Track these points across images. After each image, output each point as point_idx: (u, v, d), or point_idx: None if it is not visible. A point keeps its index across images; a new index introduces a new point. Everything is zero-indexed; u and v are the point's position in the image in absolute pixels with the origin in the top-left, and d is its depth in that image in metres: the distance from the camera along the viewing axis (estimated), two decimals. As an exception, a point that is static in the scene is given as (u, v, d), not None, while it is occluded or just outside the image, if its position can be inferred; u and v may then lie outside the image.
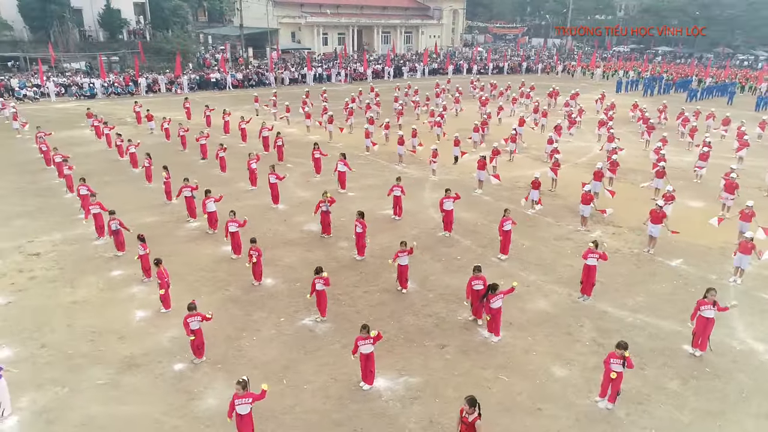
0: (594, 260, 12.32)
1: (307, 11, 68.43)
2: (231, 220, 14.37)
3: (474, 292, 11.58)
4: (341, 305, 12.41)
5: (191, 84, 43.74)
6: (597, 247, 12.37)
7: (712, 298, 10.45)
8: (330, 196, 15.77)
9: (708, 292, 10.52)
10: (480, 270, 11.55)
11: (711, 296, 10.47)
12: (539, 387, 9.81)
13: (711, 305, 10.49)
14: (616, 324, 11.82)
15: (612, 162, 20.78)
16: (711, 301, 10.47)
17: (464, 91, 38.85)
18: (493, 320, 11.07)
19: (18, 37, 49.34)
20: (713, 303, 10.47)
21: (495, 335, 11.16)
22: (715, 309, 10.48)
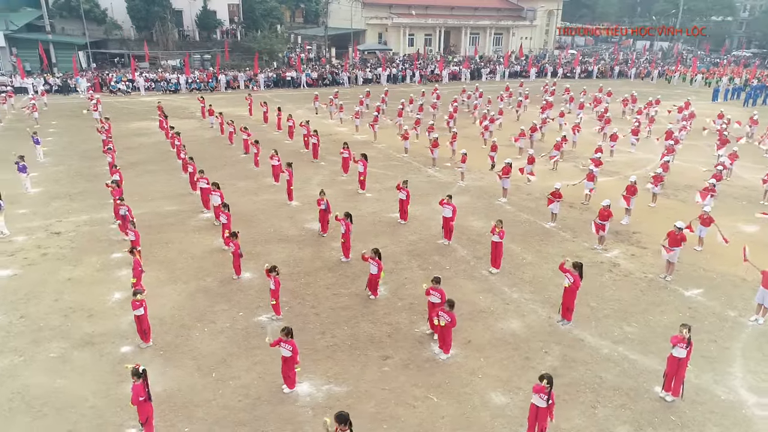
0: (568, 281, 11.24)
1: (396, 12, 68.90)
2: (223, 212, 14.76)
3: (430, 304, 11.05)
4: (305, 305, 12.34)
5: (267, 82, 45.64)
6: (575, 267, 11.25)
7: (685, 334, 9.14)
8: (322, 197, 15.70)
9: (681, 327, 9.22)
10: (438, 282, 10.95)
11: (683, 332, 9.16)
12: (467, 413, 9.13)
13: (684, 343, 9.18)
14: (586, 355, 10.71)
15: (655, 176, 18.87)
16: (683, 338, 9.17)
17: (535, 96, 37.23)
18: (441, 337, 10.47)
19: (126, 35, 54.32)
20: (686, 341, 9.16)
21: (444, 352, 10.54)
22: (687, 348, 9.16)
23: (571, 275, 11.19)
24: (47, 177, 21.09)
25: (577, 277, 11.21)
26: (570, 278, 11.20)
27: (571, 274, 11.20)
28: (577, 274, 11.21)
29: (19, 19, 47.84)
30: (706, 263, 14.72)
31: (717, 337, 11.40)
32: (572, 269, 11.22)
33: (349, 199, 19.38)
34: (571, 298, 11.46)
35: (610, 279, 13.81)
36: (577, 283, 11.24)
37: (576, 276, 11.20)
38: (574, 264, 11.27)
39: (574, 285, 11.24)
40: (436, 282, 10.90)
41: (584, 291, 12.97)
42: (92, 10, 51.43)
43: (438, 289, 10.86)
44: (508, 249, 15.36)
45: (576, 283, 11.22)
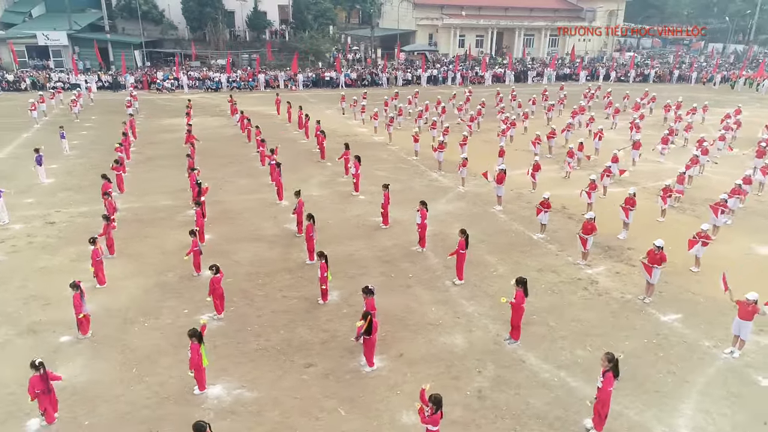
0: (508, 301, 10.50)
1: (447, 12, 68.11)
2: (198, 211, 14.97)
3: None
4: (251, 306, 12.27)
5: (306, 82, 46.21)
6: (518, 284, 10.51)
7: (604, 364, 8.30)
8: (298, 198, 15.60)
9: (605, 355, 8.38)
10: (368, 293, 10.51)
11: (605, 363, 8.32)
12: (370, 431, 8.71)
13: (602, 373, 8.36)
14: (522, 378, 9.99)
15: (665, 189, 17.49)
16: (604, 368, 8.34)
17: (577, 100, 35.65)
18: (365, 348, 10.08)
19: (180, 35, 56.66)
20: (603, 371, 8.31)
21: (368, 365, 10.15)
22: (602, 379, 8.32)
23: (517, 292, 10.48)
24: (65, 169, 22.21)
25: (521, 294, 10.48)
26: (511, 298, 10.47)
27: (518, 291, 10.48)
28: (521, 290, 10.48)
29: (82, 20, 51.00)
30: (697, 286, 13.47)
31: (679, 368, 10.35)
32: (516, 285, 10.51)
33: (342, 200, 19.22)
34: (515, 316, 10.72)
35: (582, 298, 12.88)
36: (521, 300, 10.50)
37: (519, 292, 10.47)
38: (518, 280, 10.54)
39: (517, 302, 10.51)
40: (367, 293, 10.47)
41: (548, 309, 12.31)
42: (150, 11, 53.99)
43: (369, 300, 10.46)
44: (484, 259, 14.74)
45: (519, 300, 10.49)
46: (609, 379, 8.35)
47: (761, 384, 9.98)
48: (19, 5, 51.19)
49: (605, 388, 8.32)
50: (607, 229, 16.73)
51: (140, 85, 42.97)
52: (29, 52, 48.35)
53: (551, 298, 12.82)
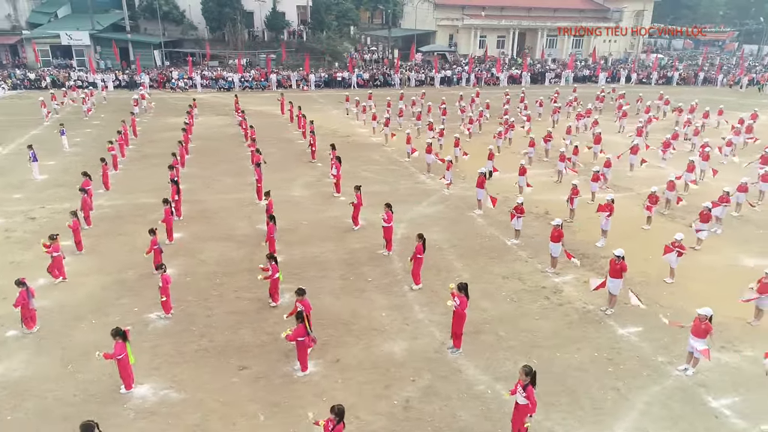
0: (453, 305, 10.22)
1: (468, 13, 67.46)
2: (167, 209, 15.06)
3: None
4: (202, 306, 12.27)
5: (318, 82, 46.35)
6: (460, 289, 10.20)
7: (524, 378, 7.97)
8: (268, 198, 15.57)
9: (522, 369, 8.04)
10: (301, 293, 10.33)
11: (523, 377, 7.99)
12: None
13: (521, 388, 8.03)
14: (455, 389, 9.70)
15: (651, 195, 16.84)
16: (522, 383, 8.01)
17: (586, 103, 34.83)
18: (299, 352, 9.94)
19: (200, 36, 57.58)
20: (524, 386, 8.00)
21: (301, 369, 10.01)
22: (524, 394, 7.99)
23: (458, 298, 10.18)
24: (62, 166, 22.71)
25: (464, 300, 10.17)
26: (456, 301, 10.19)
27: (458, 296, 10.19)
28: (463, 296, 10.17)
29: (105, 20, 52.30)
30: (668, 298, 12.89)
31: (624, 384, 9.89)
32: (458, 291, 10.21)
33: (323, 201, 19.14)
34: (457, 324, 10.42)
35: (541, 307, 12.47)
36: (464, 305, 10.19)
37: (462, 298, 10.16)
38: (459, 285, 10.23)
39: (460, 309, 10.21)
40: (300, 293, 10.31)
41: (503, 317, 11.98)
42: (171, 12, 55.04)
43: (301, 300, 10.30)
44: (450, 264, 14.46)
45: (462, 306, 10.18)
46: (532, 393, 8.01)
47: (709, 405, 9.45)
48: (45, 6, 52.81)
49: (533, 403, 7.96)
50: (590, 236, 16.27)
51: (155, 84, 43.76)
52: (53, 52, 49.81)
53: (508, 306, 12.46)
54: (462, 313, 10.29)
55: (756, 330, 11.69)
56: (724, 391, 9.74)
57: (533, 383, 7.98)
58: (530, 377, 7.95)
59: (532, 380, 7.96)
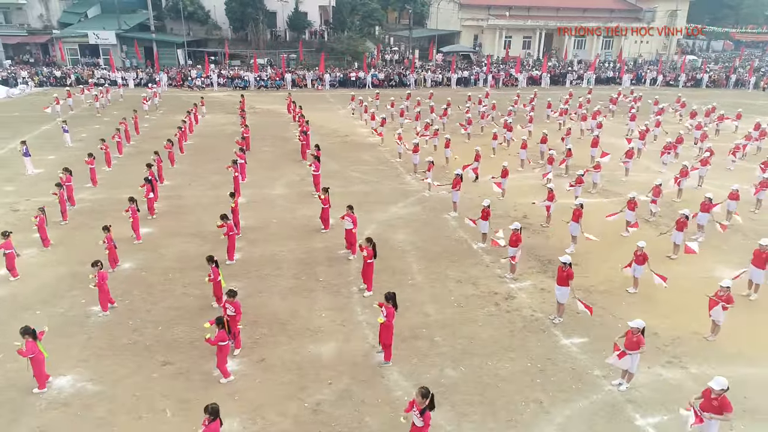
0: (382, 317, 9.91)
1: (494, 13, 66.57)
2: (132, 207, 15.20)
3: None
4: (146, 301, 12.40)
5: (333, 81, 46.51)
6: (387, 299, 9.91)
7: (421, 401, 7.61)
8: (233, 200, 15.58)
9: (419, 391, 7.68)
10: (232, 295, 10.29)
11: (419, 399, 7.61)
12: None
13: (418, 411, 7.65)
14: (372, 394, 9.50)
15: (629, 201, 16.18)
16: (419, 407, 7.63)
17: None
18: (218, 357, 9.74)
19: (224, 35, 58.59)
20: (421, 411, 7.62)
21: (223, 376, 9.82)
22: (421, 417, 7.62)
23: (385, 308, 9.87)
24: (61, 161, 23.24)
25: (391, 310, 9.86)
26: (383, 311, 9.88)
27: (384, 306, 9.88)
28: (390, 306, 9.87)
29: (132, 20, 53.80)
30: (625, 309, 12.32)
31: (550, 397, 9.48)
32: (385, 301, 9.90)
33: (299, 200, 19.12)
34: (385, 335, 10.04)
35: (487, 313, 12.10)
36: (391, 316, 9.87)
37: (390, 309, 9.86)
38: (387, 295, 9.92)
39: (388, 320, 9.87)
40: (230, 295, 10.28)
41: (444, 323, 11.73)
42: (196, 12, 56.19)
43: (232, 302, 10.26)
44: (408, 267, 14.27)
45: (389, 317, 9.86)
46: (429, 419, 7.65)
47: (635, 422, 8.96)
48: (76, 6, 54.70)
49: (427, 425, 7.65)
50: (563, 243, 15.74)
51: (173, 82, 44.75)
52: (82, 50, 51.52)
53: (453, 311, 12.14)
54: (389, 324, 9.95)
55: (710, 346, 11.05)
56: (654, 409, 9.22)
57: (431, 407, 7.61)
58: (427, 400, 7.56)
59: (430, 404, 7.57)
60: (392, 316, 9.85)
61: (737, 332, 11.44)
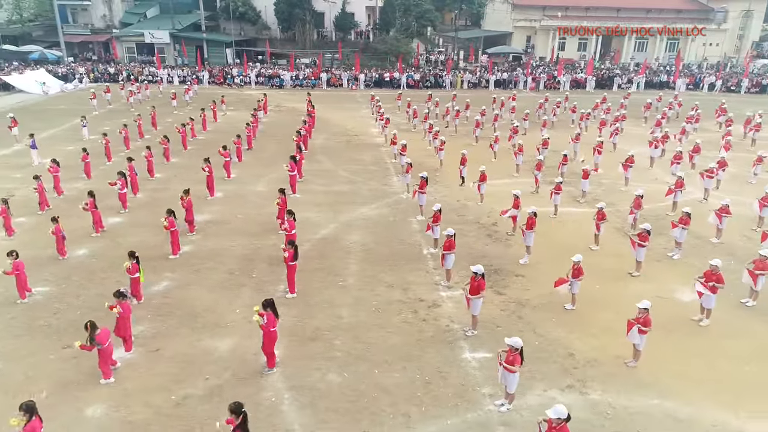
0: (260, 321, 9.72)
1: (549, 14, 64.48)
2: (90, 201, 15.77)
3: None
4: (82, 285, 12.94)
5: (368, 81, 46.66)
6: (265, 306, 9.67)
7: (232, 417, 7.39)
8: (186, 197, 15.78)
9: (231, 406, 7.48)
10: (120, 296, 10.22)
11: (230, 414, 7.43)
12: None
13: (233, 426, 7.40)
14: (242, 392, 9.38)
15: (598, 212, 15.15)
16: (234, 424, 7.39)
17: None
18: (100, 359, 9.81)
19: (273, 35, 60.25)
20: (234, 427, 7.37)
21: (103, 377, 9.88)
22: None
23: (266, 316, 9.68)
24: (72, 153, 24.63)
25: (272, 317, 9.71)
26: (263, 320, 9.71)
27: (265, 314, 9.68)
28: (270, 313, 9.70)
29: (186, 20, 56.39)
30: (548, 325, 11.59)
31: (419, 412, 9.06)
32: (263, 309, 9.69)
33: (272, 198, 18.98)
34: (267, 343, 9.80)
35: (402, 320, 11.74)
36: (271, 323, 9.72)
37: (270, 316, 9.69)
38: (264, 303, 9.71)
39: (268, 326, 9.68)
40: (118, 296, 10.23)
41: (352, 327, 11.53)
42: (247, 12, 58.16)
43: (122, 303, 10.24)
44: (346, 268, 14.16)
45: (270, 324, 9.70)
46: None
47: (499, 446, 8.39)
48: (137, 7, 58.03)
49: None
50: (523, 253, 14.99)
51: (215, 79, 46.50)
52: (139, 49, 54.62)
53: (368, 316, 11.87)
54: (269, 332, 9.73)
55: (626, 372, 10.17)
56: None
57: (243, 426, 7.32)
58: (236, 416, 7.29)
59: (242, 423, 7.30)
60: (273, 324, 9.70)
61: (664, 360, 10.48)
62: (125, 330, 10.33)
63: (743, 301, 12.56)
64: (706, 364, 10.48)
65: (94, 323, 9.46)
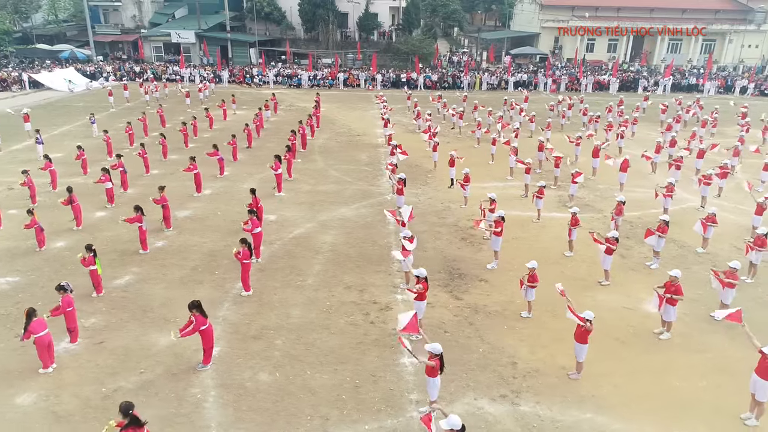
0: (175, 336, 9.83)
1: (578, 14, 63.08)
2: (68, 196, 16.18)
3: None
4: (48, 279, 13.20)
5: (384, 82, 46.60)
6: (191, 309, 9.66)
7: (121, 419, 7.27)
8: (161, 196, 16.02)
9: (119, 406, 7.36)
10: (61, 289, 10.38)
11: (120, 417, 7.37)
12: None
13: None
14: (169, 389, 9.52)
15: (574, 216, 14.70)
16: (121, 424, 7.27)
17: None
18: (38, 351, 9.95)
19: (297, 36, 60.87)
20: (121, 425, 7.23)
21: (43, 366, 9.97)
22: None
23: (194, 317, 9.70)
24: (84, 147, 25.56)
25: (200, 318, 9.69)
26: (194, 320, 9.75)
27: (194, 316, 9.71)
28: (198, 314, 9.68)
29: (213, 20, 57.52)
30: (499, 334, 11.28)
31: (339, 415, 8.95)
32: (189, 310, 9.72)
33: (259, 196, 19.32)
34: (205, 339, 9.88)
35: (350, 322, 11.63)
36: (200, 323, 9.71)
37: (197, 317, 9.67)
38: (191, 304, 9.72)
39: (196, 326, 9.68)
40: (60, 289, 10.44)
41: (297, 327, 11.53)
42: (272, 13, 58.88)
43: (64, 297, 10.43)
44: (308, 268, 14.15)
45: (198, 324, 9.68)
46: None
47: (411, 454, 8.20)
48: (167, 8, 59.53)
49: None
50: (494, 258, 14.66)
51: (235, 79, 47.29)
52: (166, 48, 56.02)
53: (317, 316, 11.81)
54: (200, 331, 9.75)
55: (566, 384, 9.79)
56: (439, 443, 8.36)
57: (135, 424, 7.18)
58: (124, 416, 7.20)
59: (131, 421, 7.15)
60: (201, 323, 9.72)
61: (611, 373, 10.07)
62: (71, 322, 10.56)
63: (712, 315, 11.94)
64: (655, 379, 10.01)
65: (31, 311, 9.64)
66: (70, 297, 10.43)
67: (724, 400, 9.37)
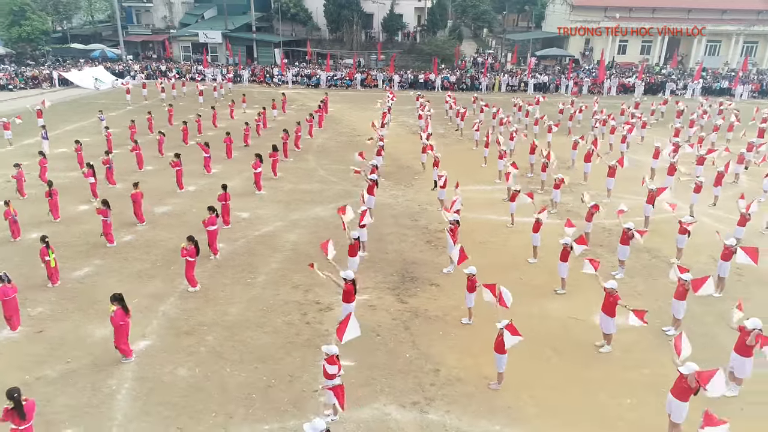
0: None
1: (611, 15, 61.34)
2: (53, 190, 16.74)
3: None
4: (15, 269, 13.66)
5: (402, 82, 46.45)
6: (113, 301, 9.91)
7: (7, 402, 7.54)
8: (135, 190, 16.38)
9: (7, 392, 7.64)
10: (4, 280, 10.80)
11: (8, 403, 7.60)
12: None
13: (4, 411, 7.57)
14: (90, 379, 9.75)
15: (536, 223, 14.28)
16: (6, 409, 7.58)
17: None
18: None
19: (322, 36, 61.38)
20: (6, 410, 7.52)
21: None
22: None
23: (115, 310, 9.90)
24: (92, 143, 26.35)
25: (120, 311, 9.86)
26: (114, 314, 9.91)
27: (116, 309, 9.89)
28: (119, 307, 9.88)
29: (240, 21, 58.63)
30: (432, 340, 11.07)
31: (243, 414, 8.96)
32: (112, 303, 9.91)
33: (240, 193, 19.40)
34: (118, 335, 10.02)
35: (286, 322, 11.66)
36: (120, 318, 9.87)
37: (118, 310, 9.86)
38: (113, 296, 9.94)
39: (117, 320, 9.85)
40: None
41: (234, 324, 11.64)
42: (298, 14, 59.57)
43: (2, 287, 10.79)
44: (263, 266, 14.26)
45: (118, 318, 9.88)
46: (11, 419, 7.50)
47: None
48: (196, 8, 60.99)
49: None
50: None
51: (256, 78, 48.07)
52: (195, 48, 57.38)
53: (254, 314, 11.88)
54: (118, 325, 9.90)
55: (484, 395, 9.52)
56: (332, 448, 8.24)
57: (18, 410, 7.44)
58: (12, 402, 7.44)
59: (16, 406, 7.44)
60: (121, 317, 9.89)
61: (534, 385, 9.73)
62: (8, 311, 10.93)
63: (665, 329, 11.38)
64: (582, 392, 9.61)
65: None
66: (7, 287, 10.79)
67: (647, 420, 8.91)
